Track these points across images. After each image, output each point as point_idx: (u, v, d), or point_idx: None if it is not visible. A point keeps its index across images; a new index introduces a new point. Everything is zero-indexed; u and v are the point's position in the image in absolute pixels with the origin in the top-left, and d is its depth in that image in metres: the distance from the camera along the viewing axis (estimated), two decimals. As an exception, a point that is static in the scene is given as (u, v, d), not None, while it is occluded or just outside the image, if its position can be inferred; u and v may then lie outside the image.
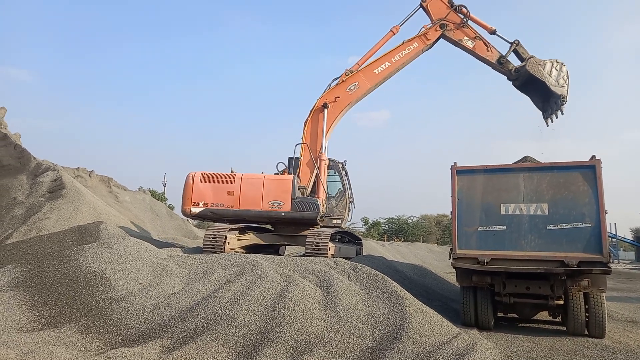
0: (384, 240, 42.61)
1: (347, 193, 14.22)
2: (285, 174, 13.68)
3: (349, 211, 14.61)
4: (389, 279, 8.94)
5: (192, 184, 12.98)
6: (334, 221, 13.70)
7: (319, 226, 13.56)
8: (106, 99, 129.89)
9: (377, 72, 14.08)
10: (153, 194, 33.48)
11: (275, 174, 13.93)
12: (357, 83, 14.08)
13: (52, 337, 7.18)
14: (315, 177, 13.82)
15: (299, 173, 13.85)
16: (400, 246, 35.84)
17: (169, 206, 31.30)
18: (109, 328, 7.52)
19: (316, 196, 13.57)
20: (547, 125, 13.49)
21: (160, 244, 13.97)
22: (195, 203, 12.89)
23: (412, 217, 59.08)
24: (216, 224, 13.32)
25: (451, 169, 9.58)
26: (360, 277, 9.12)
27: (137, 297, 8.36)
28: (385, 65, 14.05)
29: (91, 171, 22.01)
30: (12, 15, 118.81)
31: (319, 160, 13.74)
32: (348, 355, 6.65)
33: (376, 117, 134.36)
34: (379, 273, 9.21)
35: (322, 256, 11.47)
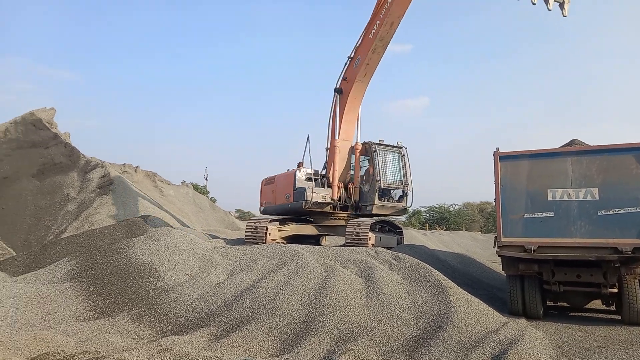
0: (425, 229, 42.07)
1: (374, 176, 13.39)
2: (301, 167, 14.08)
3: (401, 197, 13.77)
4: (432, 268, 8.84)
5: (261, 187, 15.56)
6: (367, 208, 13.45)
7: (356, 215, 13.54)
8: (147, 98, 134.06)
9: (371, 36, 12.92)
10: (195, 187, 34.35)
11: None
12: (359, 56, 13.29)
13: (107, 325, 7.54)
14: (368, 164, 13.84)
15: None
16: (442, 235, 35.32)
17: (210, 199, 32.05)
18: (160, 317, 7.83)
19: (352, 185, 13.69)
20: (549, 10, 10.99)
21: (204, 236, 14.35)
22: (262, 203, 15.33)
23: (454, 205, 57.89)
24: (257, 215, 13.72)
25: (494, 155, 9.31)
26: (402, 266, 9.06)
27: (185, 287, 8.65)
28: (376, 25, 12.78)
29: (137, 167, 22.83)
30: (59, 19, 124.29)
31: (333, 148, 13.82)
32: (392, 344, 6.63)
33: (414, 104, 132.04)
34: (421, 262, 9.12)
35: (362, 246, 11.45)
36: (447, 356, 6.15)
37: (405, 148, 14.05)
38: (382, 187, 13.23)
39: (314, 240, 14.93)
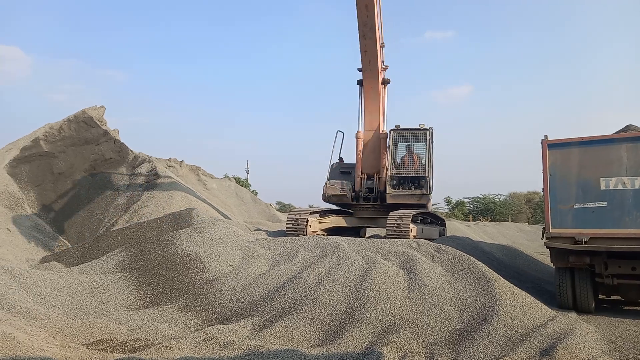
0: (469, 221, 41.12)
1: (386, 165, 13.26)
2: (341, 162, 14.57)
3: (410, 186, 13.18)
4: (476, 260, 8.64)
5: None
6: (386, 198, 13.33)
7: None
8: (191, 94, 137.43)
9: (360, 21, 12.25)
10: (237, 180, 35.04)
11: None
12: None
13: (156, 314, 7.85)
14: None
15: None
16: (487, 226, 34.40)
17: (252, 192, 32.58)
18: (205, 307, 8.06)
19: (377, 175, 13.72)
20: None
21: (246, 228, 14.62)
22: None
23: (499, 196, 56.18)
24: (297, 207, 13.83)
25: (541, 143, 8.96)
26: (444, 258, 8.91)
27: (229, 278, 8.86)
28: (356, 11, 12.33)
29: (181, 161, 23.51)
30: (108, 21, 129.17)
31: (356, 139, 13.96)
32: (435, 337, 6.55)
33: (457, 92, 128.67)
34: (465, 254, 8.93)
35: (403, 238, 11.33)
36: (493, 350, 6.02)
37: (430, 130, 13.31)
38: (389, 175, 13.03)
39: (354, 232, 14.90)
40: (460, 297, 7.47)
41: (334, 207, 14.49)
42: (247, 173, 51.38)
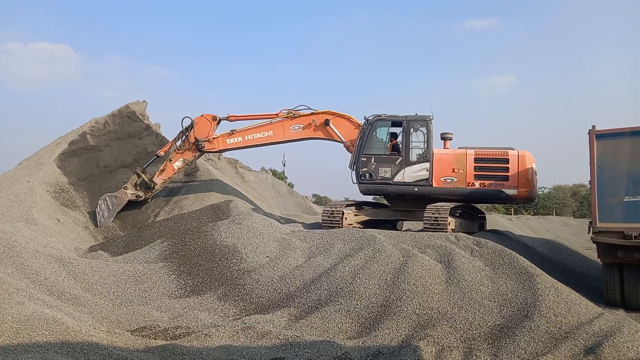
0: (510, 214, 39.94)
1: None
2: None
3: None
4: (517, 254, 8.40)
5: None
6: None
7: None
8: (227, 91, 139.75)
9: None
10: (274, 173, 35.36)
11: None
12: None
13: (196, 303, 8.06)
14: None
15: None
16: (529, 220, 33.32)
17: (288, 184, 32.84)
18: (243, 296, 8.22)
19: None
20: None
21: (283, 220, 14.75)
22: None
23: (543, 189, 54.25)
24: (333, 200, 13.76)
25: (589, 133, 8.58)
26: (484, 252, 8.71)
27: (266, 269, 8.99)
28: None
29: (219, 155, 23.91)
30: (149, 18, 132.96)
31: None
32: (474, 332, 6.43)
33: (499, 82, 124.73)
34: (506, 248, 8.70)
35: (441, 231, 11.13)
36: (534, 346, 5.86)
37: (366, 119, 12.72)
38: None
39: (390, 224, 14.75)
40: (500, 292, 7.29)
41: (370, 199, 14.37)
42: (284, 166, 51.69)
